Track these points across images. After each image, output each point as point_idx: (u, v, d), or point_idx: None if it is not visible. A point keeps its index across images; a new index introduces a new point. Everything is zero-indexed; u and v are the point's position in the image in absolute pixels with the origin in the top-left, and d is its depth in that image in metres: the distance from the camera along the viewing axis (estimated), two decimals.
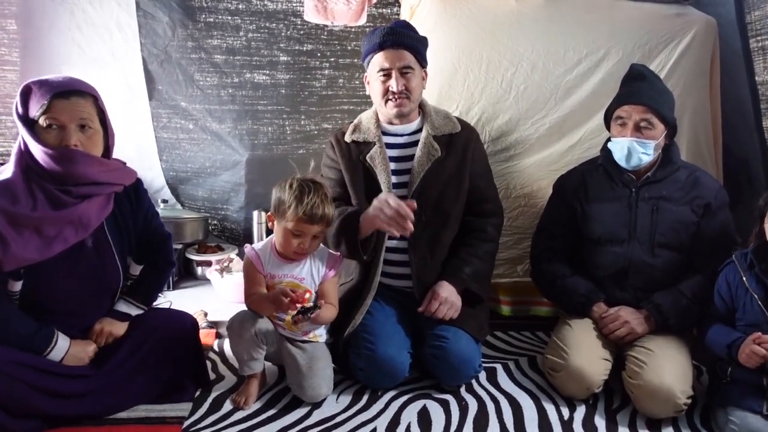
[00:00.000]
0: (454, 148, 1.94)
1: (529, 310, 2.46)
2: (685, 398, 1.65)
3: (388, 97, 1.90)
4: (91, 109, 1.52)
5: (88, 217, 1.51)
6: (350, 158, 1.95)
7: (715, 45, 2.36)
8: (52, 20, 2.69)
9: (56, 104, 1.46)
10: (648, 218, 1.84)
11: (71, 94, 1.48)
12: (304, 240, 1.71)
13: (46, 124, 1.46)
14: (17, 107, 1.48)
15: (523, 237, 2.32)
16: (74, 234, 1.49)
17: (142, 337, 1.65)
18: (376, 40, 1.88)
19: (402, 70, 1.87)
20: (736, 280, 1.67)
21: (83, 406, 1.55)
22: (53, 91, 1.45)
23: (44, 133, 1.46)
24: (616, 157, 1.87)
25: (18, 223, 1.42)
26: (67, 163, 1.46)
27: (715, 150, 2.39)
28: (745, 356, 1.56)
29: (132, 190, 1.67)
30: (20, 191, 1.45)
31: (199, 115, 2.83)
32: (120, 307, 1.68)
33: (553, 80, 2.33)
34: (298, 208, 1.65)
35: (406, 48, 1.88)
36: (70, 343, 1.56)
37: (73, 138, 1.47)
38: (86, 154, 1.50)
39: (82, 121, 1.49)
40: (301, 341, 1.80)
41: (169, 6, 2.69)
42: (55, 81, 1.48)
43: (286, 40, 2.78)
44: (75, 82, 1.52)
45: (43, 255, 1.45)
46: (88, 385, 1.56)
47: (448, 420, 1.69)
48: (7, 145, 2.78)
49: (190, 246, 2.81)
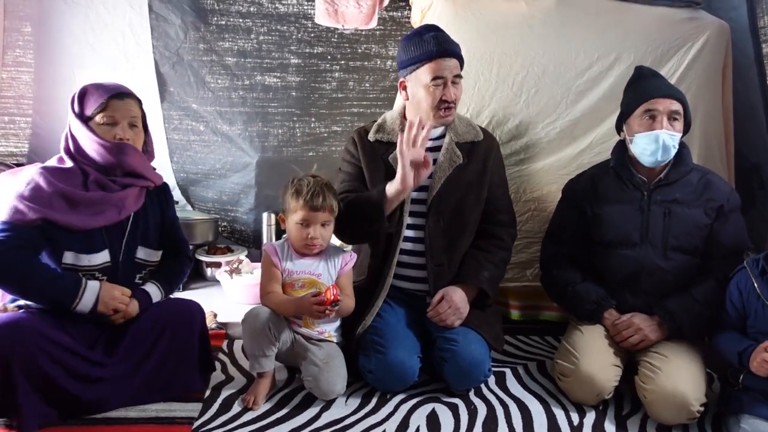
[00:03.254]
0: (476, 156, 1.95)
1: (538, 315, 2.46)
2: (699, 405, 1.64)
3: (441, 107, 1.87)
4: (138, 111, 1.74)
5: (127, 202, 1.71)
6: (373, 157, 1.95)
7: (728, 49, 2.34)
8: (65, 22, 2.73)
9: (112, 104, 1.67)
10: (660, 221, 1.82)
11: (125, 95, 1.70)
12: (312, 229, 1.77)
13: (103, 121, 1.66)
14: (74, 106, 1.68)
15: (532, 241, 2.31)
16: (116, 215, 1.69)
17: (151, 324, 1.71)
18: (430, 48, 1.84)
19: (454, 79, 1.87)
20: (747, 286, 1.66)
21: (98, 390, 1.60)
22: (110, 93, 1.67)
23: (99, 129, 1.66)
24: (644, 153, 1.82)
25: (74, 202, 1.63)
26: (119, 154, 1.67)
27: (727, 155, 2.36)
28: (756, 364, 1.55)
29: (162, 191, 1.86)
30: (77, 176, 1.67)
31: (210, 117, 2.85)
32: (147, 288, 1.76)
33: (563, 84, 2.32)
34: (299, 198, 1.76)
35: (456, 56, 1.88)
36: (101, 285, 1.63)
37: (126, 133, 1.69)
38: (135, 148, 1.71)
39: (132, 119, 1.71)
40: (318, 340, 1.82)
41: (182, 9, 2.71)
42: (110, 84, 1.71)
43: (296, 42, 2.79)
44: (125, 87, 1.74)
45: (88, 224, 1.65)
46: (104, 371, 1.62)
47: (457, 424, 1.68)
48: (21, 146, 2.81)
49: (200, 247, 2.83)
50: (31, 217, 1.57)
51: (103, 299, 1.62)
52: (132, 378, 1.66)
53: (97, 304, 1.61)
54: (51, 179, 1.62)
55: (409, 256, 1.94)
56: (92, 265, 1.65)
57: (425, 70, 1.85)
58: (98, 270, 1.67)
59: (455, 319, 1.85)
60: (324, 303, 1.67)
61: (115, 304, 1.64)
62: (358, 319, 1.86)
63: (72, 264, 1.63)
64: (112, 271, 1.69)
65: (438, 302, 1.86)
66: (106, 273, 1.68)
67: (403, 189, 1.77)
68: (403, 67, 1.92)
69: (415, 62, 1.87)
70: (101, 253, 1.67)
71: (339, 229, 1.89)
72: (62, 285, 1.59)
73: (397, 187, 1.77)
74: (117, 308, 1.65)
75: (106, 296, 1.62)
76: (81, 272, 1.64)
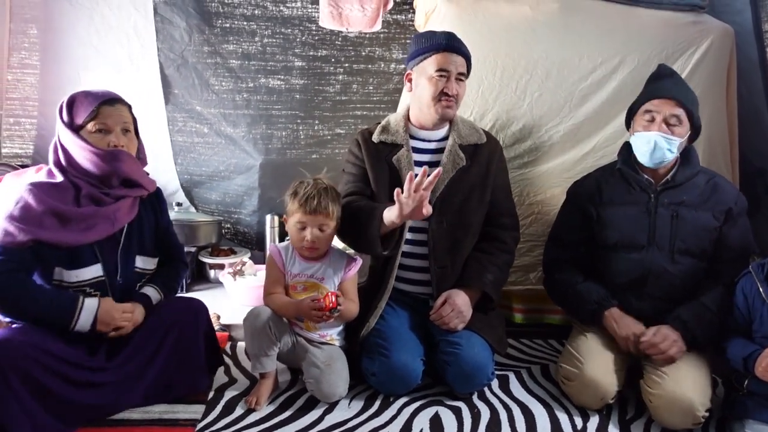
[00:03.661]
0: (479, 159, 1.95)
1: (541, 318, 2.45)
2: (704, 411, 1.64)
3: (442, 98, 1.90)
4: (129, 117, 1.70)
5: (120, 214, 1.67)
6: (377, 158, 1.96)
7: (732, 53, 2.34)
8: (71, 24, 2.74)
9: (103, 110, 1.63)
10: (668, 224, 1.81)
11: (115, 101, 1.67)
12: (308, 231, 1.77)
13: (95, 128, 1.62)
14: (62, 115, 1.63)
15: (536, 244, 2.31)
16: (109, 228, 1.65)
17: (155, 324, 1.69)
18: (440, 40, 1.88)
19: (458, 75, 1.90)
20: (752, 291, 1.66)
21: (101, 396, 1.58)
22: (100, 99, 1.63)
23: (92, 137, 1.62)
24: (639, 152, 1.83)
25: (65, 219, 1.58)
26: (114, 161, 1.62)
27: (731, 159, 2.36)
28: (762, 369, 1.54)
29: (155, 198, 1.82)
30: (68, 191, 1.61)
31: (214, 119, 2.85)
32: (146, 291, 1.74)
33: (567, 87, 2.33)
34: (295, 201, 1.78)
35: (464, 56, 1.91)
36: (99, 302, 1.60)
37: (121, 139, 1.65)
38: (129, 154, 1.67)
39: (125, 125, 1.67)
40: (319, 343, 1.82)
41: (186, 11, 2.72)
42: (98, 91, 1.67)
43: (301, 45, 2.80)
44: (114, 93, 1.69)
45: (79, 241, 1.60)
46: (106, 376, 1.60)
47: (460, 427, 1.68)
48: (26, 147, 2.82)
49: (203, 249, 2.83)
50: (21, 239, 1.51)
51: (102, 319, 1.59)
52: (138, 380, 1.65)
53: (95, 323, 1.58)
54: (41, 196, 1.56)
55: (411, 259, 1.94)
56: (81, 280, 1.60)
57: (432, 61, 1.88)
58: (89, 285, 1.61)
59: (458, 323, 1.85)
60: (322, 309, 1.67)
61: (116, 323, 1.61)
62: (362, 321, 1.86)
63: (60, 280, 1.58)
64: (106, 285, 1.64)
65: (441, 305, 1.86)
66: (99, 288, 1.63)
67: (400, 222, 1.77)
68: (412, 58, 1.95)
69: (423, 53, 1.90)
70: (92, 267, 1.62)
71: (341, 234, 1.90)
72: (58, 306, 1.55)
73: (393, 221, 1.75)
74: (118, 326, 1.62)
75: (105, 316, 1.59)
76: (72, 288, 1.59)
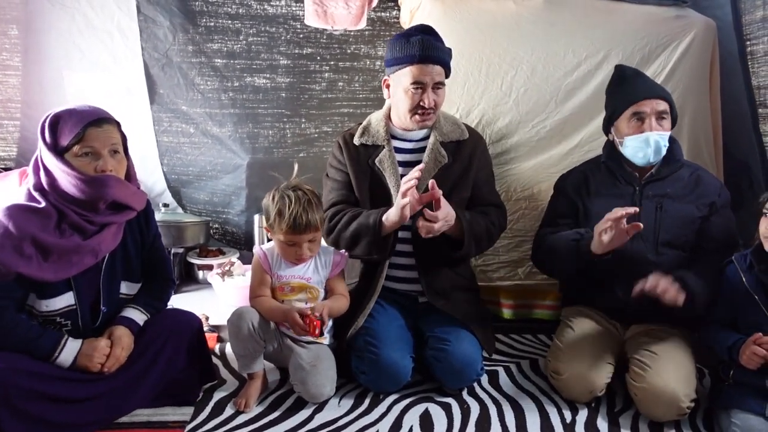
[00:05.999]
0: (461, 155, 1.94)
1: (530, 313, 2.46)
2: (689, 401, 1.65)
3: (418, 111, 1.88)
4: (118, 136, 1.58)
5: (105, 245, 1.58)
6: (358, 161, 1.95)
7: (715, 47, 2.36)
8: (53, 24, 2.70)
9: (90, 132, 1.50)
10: (652, 216, 1.82)
11: (103, 121, 1.54)
12: (298, 248, 1.75)
13: (81, 152, 1.50)
14: (44, 136, 1.51)
15: (523, 240, 2.32)
16: (92, 259, 1.56)
17: (149, 338, 1.66)
18: (414, 52, 1.81)
19: (435, 85, 1.86)
20: (736, 281, 1.67)
21: (90, 411, 1.54)
22: (86, 120, 1.50)
23: (77, 162, 1.50)
24: (637, 155, 1.83)
25: (46, 250, 1.48)
26: (102, 188, 1.51)
27: (715, 153, 2.39)
28: (746, 357, 1.56)
29: (142, 216, 1.71)
30: (51, 219, 1.50)
31: (200, 118, 2.83)
32: (128, 314, 1.66)
33: (553, 83, 2.33)
34: (282, 222, 1.71)
35: (441, 63, 1.87)
36: (82, 342, 1.55)
37: (109, 164, 1.53)
38: (118, 179, 1.56)
39: (113, 146, 1.55)
40: (306, 342, 1.82)
41: (170, 10, 2.69)
42: (84, 110, 1.54)
43: (286, 43, 2.78)
44: (102, 111, 1.57)
45: (58, 277, 1.52)
46: (96, 388, 1.55)
47: (450, 423, 1.69)
48: (9, 150, 2.79)
49: (191, 250, 2.81)
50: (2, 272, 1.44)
51: (83, 357, 1.53)
52: (130, 393, 1.61)
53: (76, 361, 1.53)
54: (20, 223, 1.46)
55: (399, 257, 1.94)
56: (51, 310, 1.53)
57: (407, 73, 1.85)
58: (59, 315, 1.55)
59: (442, 224, 1.75)
60: (306, 331, 1.67)
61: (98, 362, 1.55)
62: (350, 320, 1.85)
63: (31, 307, 1.52)
64: (77, 314, 1.57)
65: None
66: (69, 317, 1.56)
67: (401, 221, 1.76)
68: (388, 65, 1.92)
69: (398, 63, 1.87)
70: (64, 295, 1.54)
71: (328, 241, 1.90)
72: (40, 345, 1.49)
73: (394, 220, 1.76)
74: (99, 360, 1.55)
75: (84, 358, 1.53)
76: (41, 317, 1.53)
